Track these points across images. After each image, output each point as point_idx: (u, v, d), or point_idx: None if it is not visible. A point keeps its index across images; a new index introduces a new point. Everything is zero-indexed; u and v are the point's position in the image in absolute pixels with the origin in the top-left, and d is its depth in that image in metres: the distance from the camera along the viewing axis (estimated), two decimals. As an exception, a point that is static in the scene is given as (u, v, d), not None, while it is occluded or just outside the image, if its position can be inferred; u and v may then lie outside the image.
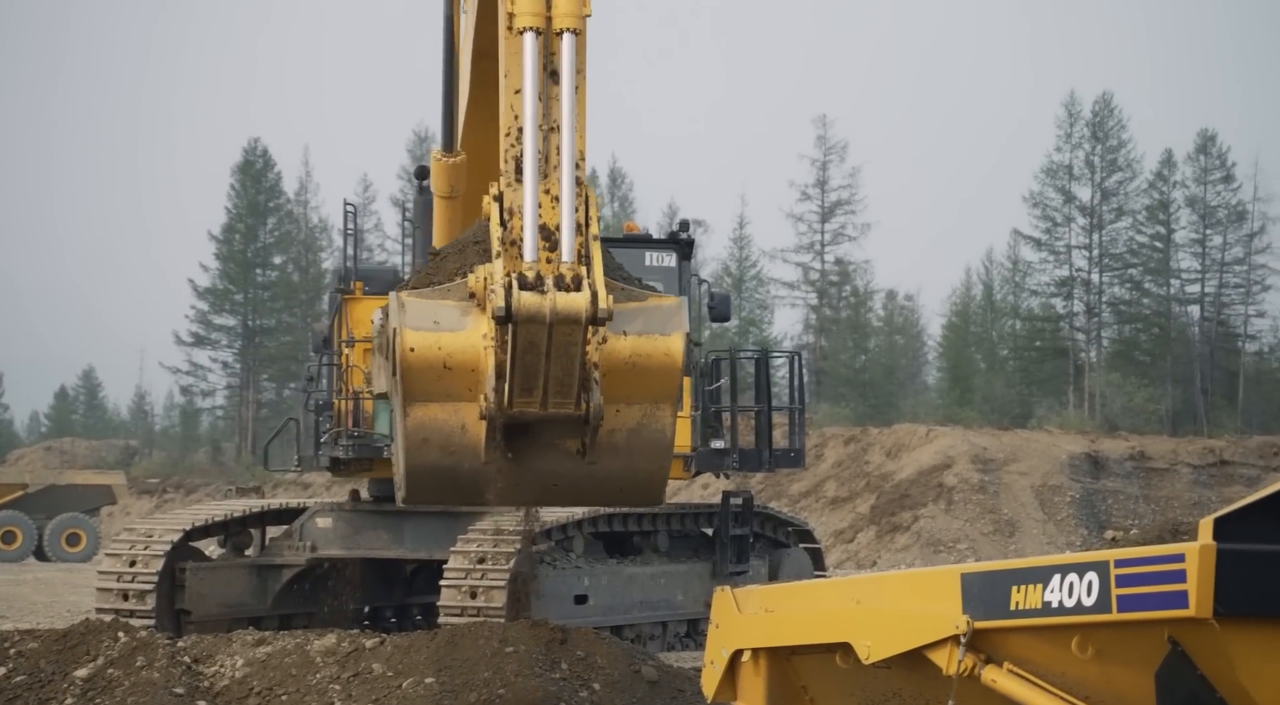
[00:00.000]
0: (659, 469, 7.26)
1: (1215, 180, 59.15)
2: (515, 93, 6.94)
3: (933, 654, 6.36)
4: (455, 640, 9.82)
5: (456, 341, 6.83)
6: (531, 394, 6.75)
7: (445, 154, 12.25)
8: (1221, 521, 5.44)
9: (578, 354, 6.73)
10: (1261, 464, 39.50)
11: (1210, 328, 59.07)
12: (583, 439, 6.94)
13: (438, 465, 6.92)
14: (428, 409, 6.85)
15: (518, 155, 6.91)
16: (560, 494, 7.28)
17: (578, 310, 6.62)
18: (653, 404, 7.06)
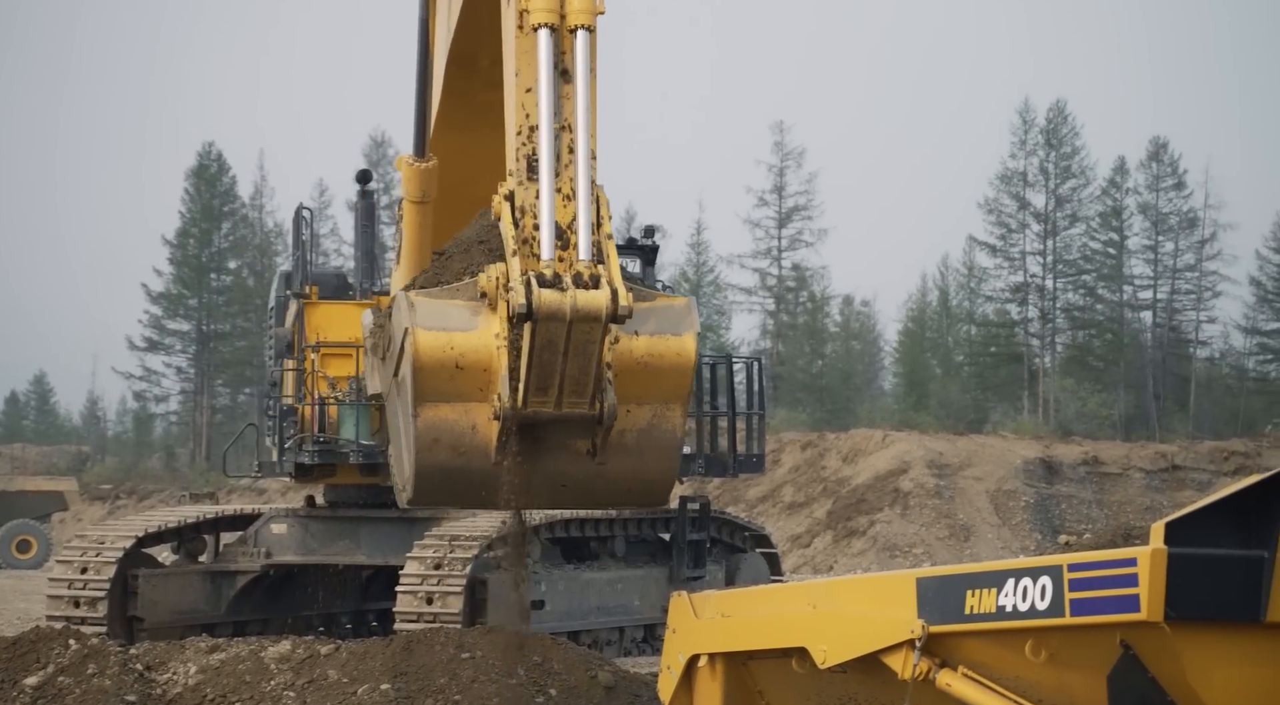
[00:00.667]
0: (668, 469, 7.24)
1: (1167, 187, 59.76)
2: (527, 91, 6.91)
3: (888, 658, 6.39)
4: (411, 646, 9.78)
5: (469, 341, 6.79)
6: (547, 393, 6.71)
7: (417, 159, 12.22)
8: (1173, 526, 5.49)
9: (595, 353, 6.69)
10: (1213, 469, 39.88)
11: (1162, 334, 59.64)
12: (593, 440, 6.90)
13: (447, 466, 6.86)
14: (438, 409, 6.79)
15: (529, 153, 6.88)
16: (568, 495, 7.22)
17: (598, 308, 6.60)
18: (663, 404, 7.03)
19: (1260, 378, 61.44)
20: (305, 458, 14.38)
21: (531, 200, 6.86)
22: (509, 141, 7.00)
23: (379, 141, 64.86)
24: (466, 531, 13.67)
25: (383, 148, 64.70)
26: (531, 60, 6.92)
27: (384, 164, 64.64)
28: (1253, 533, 5.52)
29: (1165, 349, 59.02)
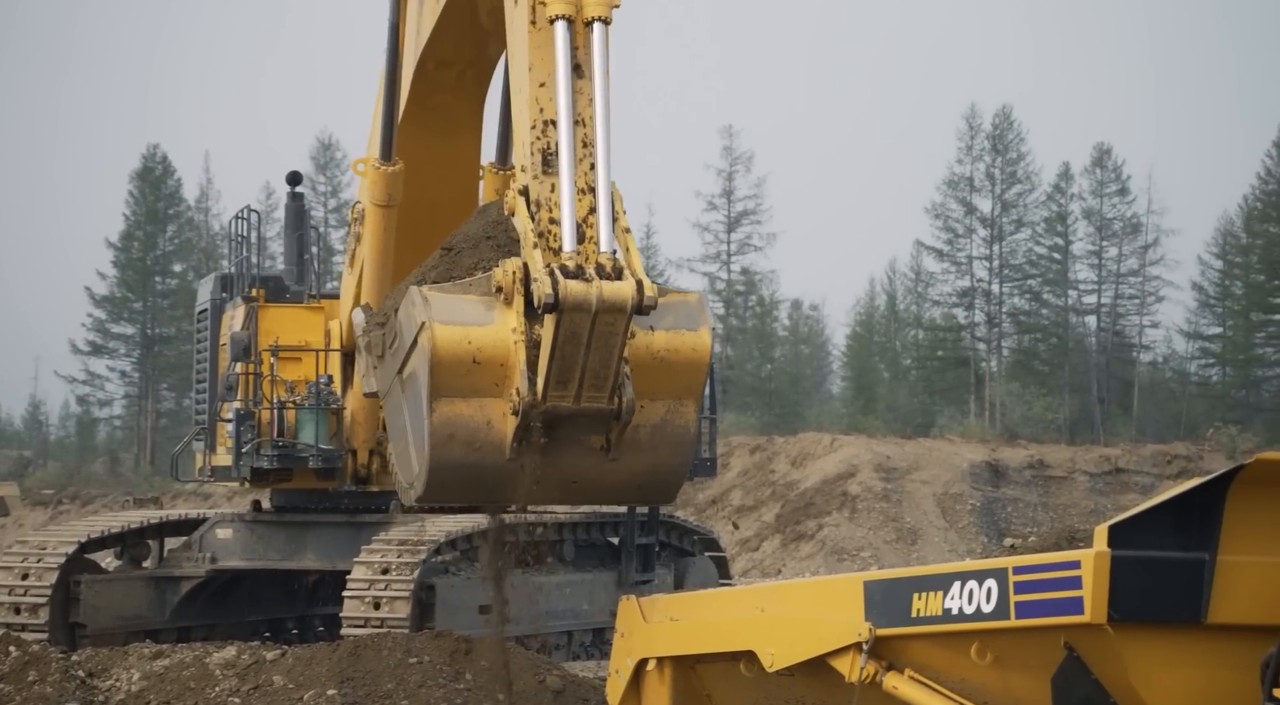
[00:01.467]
0: (680, 465, 7.24)
1: (1111, 193, 60.38)
2: (540, 86, 6.89)
3: (835, 661, 6.41)
4: (358, 652, 9.73)
5: (485, 336, 6.76)
6: (567, 387, 6.71)
7: (383, 162, 12.16)
8: (1116, 529, 5.55)
9: (618, 345, 6.70)
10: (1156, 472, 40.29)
11: (1106, 338, 60.26)
12: (608, 435, 6.89)
13: (462, 462, 6.82)
14: (454, 405, 6.75)
15: (544, 147, 6.86)
16: (579, 492, 7.18)
17: (624, 299, 6.61)
18: (677, 400, 7.04)
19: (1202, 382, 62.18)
20: (264, 462, 14.25)
21: (547, 194, 6.85)
22: (521, 136, 6.97)
23: (326, 145, 64.47)
24: (415, 536, 13.61)
25: (330, 151, 64.32)
26: (546, 55, 6.90)
27: (331, 167, 64.28)
28: (1194, 535, 5.58)
29: (1109, 353, 59.62)
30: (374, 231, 12.65)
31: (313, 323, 14.86)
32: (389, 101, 11.54)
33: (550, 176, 6.85)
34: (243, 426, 14.28)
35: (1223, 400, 58.10)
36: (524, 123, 6.97)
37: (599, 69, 6.91)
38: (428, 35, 10.59)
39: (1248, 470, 5.60)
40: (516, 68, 7.12)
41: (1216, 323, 60.81)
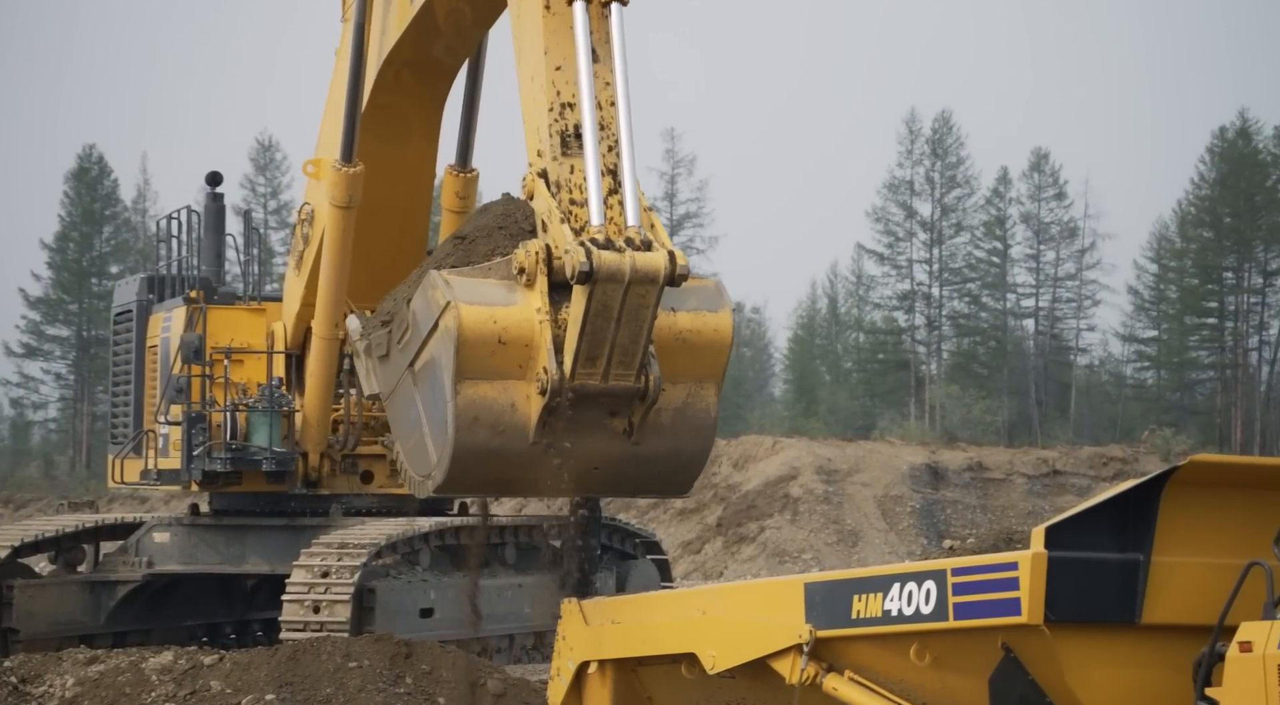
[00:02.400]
0: (700, 450, 7.25)
1: (1049, 197, 61.03)
2: (557, 69, 6.94)
3: (776, 663, 6.44)
4: (297, 656, 9.67)
5: (511, 315, 6.77)
6: (595, 364, 6.72)
7: (344, 163, 12.07)
8: (1052, 530, 5.60)
9: (648, 319, 6.72)
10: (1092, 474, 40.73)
11: (1044, 341, 60.89)
12: (630, 419, 6.89)
13: (486, 447, 6.79)
14: (478, 387, 6.74)
15: (563, 129, 6.91)
16: (599, 480, 7.14)
17: (656, 268, 6.65)
18: (698, 383, 7.06)
19: (1137, 385, 62.97)
20: (217, 465, 14.11)
21: (567, 175, 6.89)
22: (536, 122, 7.01)
23: (266, 146, 63.96)
24: (355, 539, 13.53)
25: (270, 152, 63.82)
26: (562, 39, 6.96)
27: (271, 168, 63.79)
28: (1129, 536, 5.65)
29: (1047, 356, 60.25)
30: (333, 233, 12.57)
31: (254, 325, 14.74)
32: (352, 102, 11.50)
33: (570, 158, 6.90)
34: (194, 429, 14.13)
35: (1158, 403, 58.87)
36: (539, 107, 7.01)
37: (617, 51, 6.98)
38: (395, 36, 10.60)
39: (1181, 472, 5.67)
40: (529, 53, 7.15)
41: (1151, 326, 61.63)
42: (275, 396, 14.00)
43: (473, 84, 13.01)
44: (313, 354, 13.73)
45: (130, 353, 15.65)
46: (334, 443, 14.38)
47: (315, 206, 13.25)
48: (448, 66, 11.52)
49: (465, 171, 13.62)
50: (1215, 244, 57.44)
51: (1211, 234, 57.72)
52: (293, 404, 14.05)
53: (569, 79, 6.97)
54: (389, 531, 13.79)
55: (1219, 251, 57.31)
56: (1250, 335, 57.53)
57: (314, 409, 13.92)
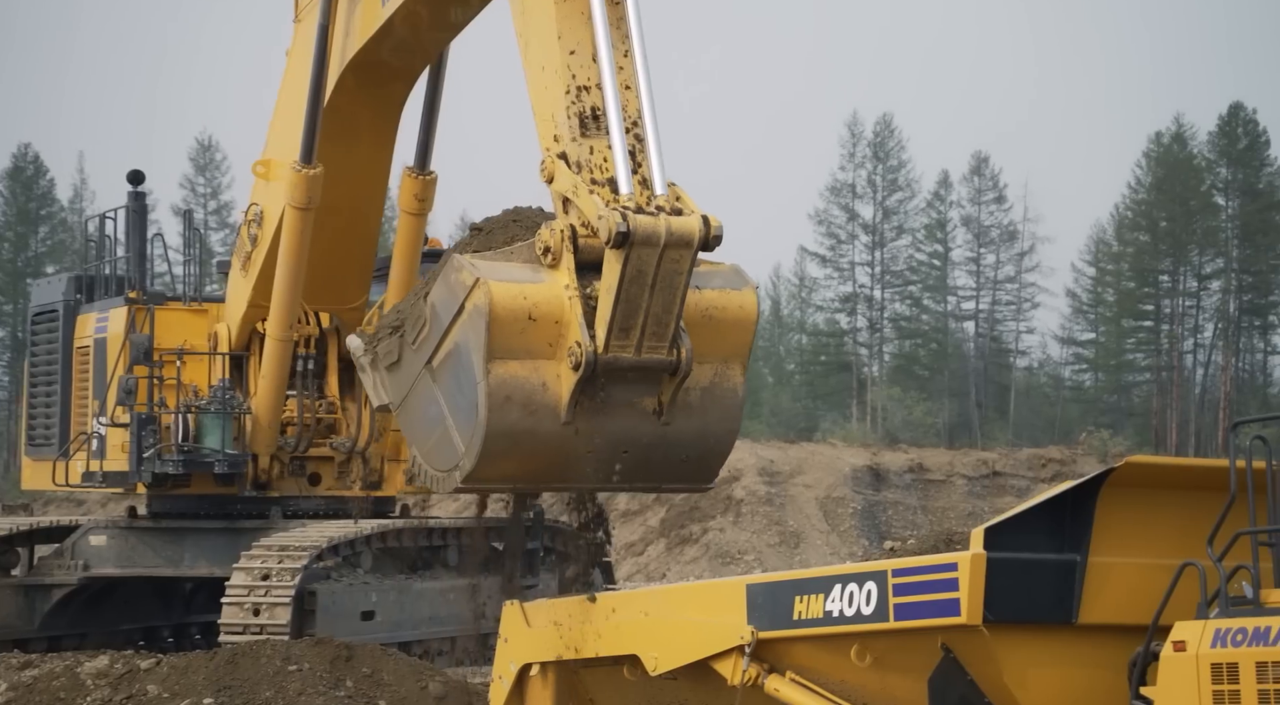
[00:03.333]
0: (728, 432, 7.29)
1: (989, 201, 61.59)
2: (571, 53, 7.04)
3: (718, 664, 6.46)
4: (236, 659, 9.59)
5: (540, 292, 6.80)
6: (629, 336, 6.75)
7: (304, 165, 12.00)
8: (991, 531, 5.65)
9: (681, 286, 6.76)
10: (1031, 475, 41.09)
11: (984, 343, 61.43)
12: (659, 398, 6.91)
13: (517, 427, 6.78)
14: (508, 366, 6.75)
15: (581, 111, 7.00)
16: (629, 465, 7.11)
17: (691, 231, 6.73)
18: (723, 362, 7.10)
19: (1075, 387, 63.66)
20: (169, 467, 13.96)
21: (587, 156, 6.95)
22: (550, 107, 7.08)
23: (206, 146, 63.39)
24: (296, 542, 13.43)
25: (209, 152, 63.25)
26: (575, 23, 7.06)
27: (211, 168, 63.22)
28: (1066, 537, 5.71)
29: (987, 359, 60.79)
30: (291, 234, 12.50)
31: (196, 326, 14.62)
32: (313, 104, 11.47)
33: (589, 139, 6.97)
34: (144, 431, 13.98)
35: (1095, 405, 59.55)
36: (553, 94, 7.09)
37: (634, 33, 7.12)
38: (360, 39, 10.60)
39: (1117, 473, 5.73)
40: (538, 43, 7.22)
41: (1089, 329, 62.32)
42: (227, 398, 13.89)
43: (434, 88, 13.03)
44: (266, 355, 13.65)
45: (54, 353, 15.42)
46: (284, 445, 14.30)
47: (264, 207, 13.16)
48: (410, 71, 11.56)
49: (424, 174, 13.60)
50: (1151, 248, 58.18)
51: (1147, 238, 58.46)
52: (243, 406, 13.96)
53: (583, 62, 7.06)
54: (330, 534, 13.71)
55: (1155, 255, 58.05)
56: (1185, 338, 58.32)
57: (265, 411, 13.84)
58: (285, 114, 12.91)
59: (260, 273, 13.32)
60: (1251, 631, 5.17)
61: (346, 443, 14.42)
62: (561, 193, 6.97)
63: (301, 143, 11.85)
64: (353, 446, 14.39)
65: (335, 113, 11.64)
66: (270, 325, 13.46)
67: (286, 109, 12.88)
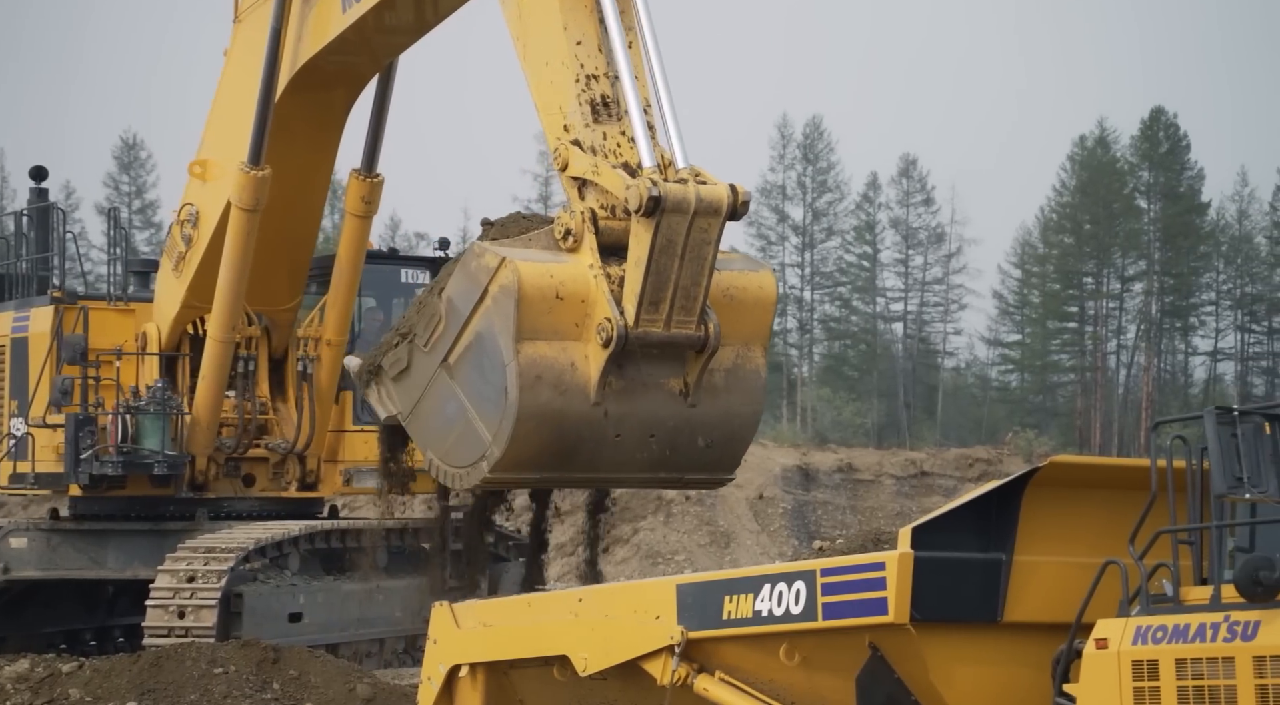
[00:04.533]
0: (752, 415, 7.38)
1: (916, 203, 62.16)
2: (578, 44, 7.17)
3: (648, 664, 6.47)
4: (160, 662, 9.49)
5: (566, 271, 6.87)
6: (658, 309, 6.80)
7: (252, 166, 11.93)
8: (918, 531, 5.71)
9: (710, 256, 6.83)
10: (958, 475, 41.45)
11: (912, 344, 61.96)
12: (685, 379, 6.96)
13: (548, 408, 6.79)
14: (537, 346, 6.77)
15: (592, 98, 7.14)
16: (655, 451, 7.13)
17: (720, 198, 6.84)
18: (745, 344, 7.20)
19: (1002, 387, 64.35)
20: (108, 469, 13.75)
21: (600, 141, 7.06)
22: (558, 100, 7.16)
23: (130, 144, 62.56)
24: (222, 544, 13.30)
25: (134, 150, 62.43)
26: (579, 15, 7.18)
27: (135, 167, 62.39)
28: (992, 536, 5.77)
29: (915, 359, 61.32)
30: (236, 236, 12.45)
31: (122, 326, 14.44)
32: (263, 106, 11.47)
33: (601, 125, 7.10)
34: (82, 432, 13.78)
35: (1021, 405, 60.22)
36: (560, 87, 7.19)
37: (644, 21, 7.26)
38: (313, 44, 10.62)
39: (1042, 473, 5.81)
40: (540, 40, 7.30)
41: (1015, 330, 63.01)
42: (166, 399, 13.76)
43: (383, 91, 13.04)
44: (206, 356, 13.54)
45: None
46: (220, 446, 14.18)
47: (200, 208, 13.08)
48: (361, 77, 11.64)
49: (371, 176, 13.61)
50: (1076, 250, 58.95)
51: (1072, 240, 59.22)
52: (181, 407, 13.83)
53: (590, 52, 7.19)
54: (257, 535, 13.59)
55: (1079, 257, 58.83)
56: (1108, 339, 59.16)
57: (204, 412, 13.75)
58: (223, 114, 12.84)
59: (196, 273, 13.22)
60: (1171, 629, 5.25)
61: (283, 444, 14.34)
62: (580, 175, 7.05)
63: (250, 144, 11.85)
64: (291, 448, 14.32)
65: (281, 115, 11.61)
66: (212, 326, 13.37)
67: (224, 109, 12.81)
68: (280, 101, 11.48)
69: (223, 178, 12.66)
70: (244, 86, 12.13)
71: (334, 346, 14.14)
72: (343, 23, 10.17)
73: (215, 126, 13.01)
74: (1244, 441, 5.12)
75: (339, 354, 14.21)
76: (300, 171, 12.32)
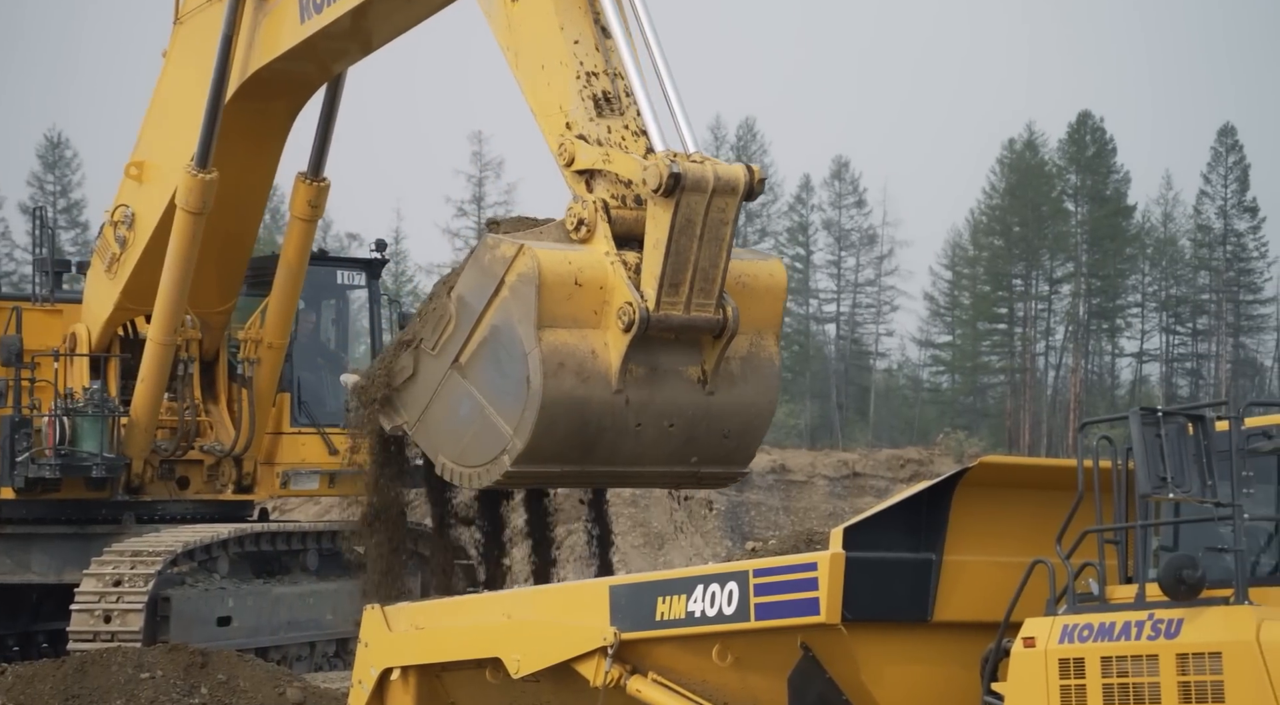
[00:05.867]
0: (769, 402, 7.41)
1: (849, 205, 62.56)
2: (575, 42, 7.29)
3: (581, 666, 6.47)
4: (85, 668, 9.37)
5: (583, 258, 6.91)
6: (678, 292, 6.85)
7: (199, 170, 11.86)
8: (850, 531, 5.74)
9: (727, 236, 6.90)
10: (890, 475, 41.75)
11: (845, 345, 62.36)
12: (703, 366, 7.02)
13: (572, 395, 6.79)
14: (557, 334, 6.79)
15: (594, 94, 7.24)
16: (674, 441, 7.13)
17: (737, 177, 6.94)
18: (757, 333, 7.26)
19: (933, 388, 64.92)
20: (45, 471, 13.53)
21: (605, 134, 7.13)
22: (561, 98, 7.23)
23: (55, 142, 61.61)
24: (149, 547, 13.15)
25: (59, 149, 61.50)
26: (575, 16, 7.31)
27: (61, 166, 61.49)
28: (922, 536, 5.82)
29: (847, 361, 61.72)
30: (181, 238, 12.36)
31: (49, 326, 14.25)
32: (212, 109, 11.44)
33: (605, 119, 7.19)
34: (18, 434, 13.55)
35: (952, 406, 60.78)
36: (559, 87, 7.27)
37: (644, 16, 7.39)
38: (266, 53, 10.69)
39: (971, 473, 5.86)
40: (533, 44, 7.39)
41: (946, 331, 63.59)
42: (104, 401, 13.60)
43: (332, 96, 13.00)
44: (146, 358, 13.42)
45: None
46: (159, 448, 14.03)
47: (136, 210, 12.96)
48: (312, 85, 11.65)
49: (317, 180, 13.56)
50: (1005, 252, 59.57)
51: (1002, 242, 59.84)
52: (119, 409, 13.67)
53: (588, 50, 7.30)
54: (185, 538, 13.45)
55: (1008, 259, 59.46)
56: (1037, 341, 59.85)
57: (143, 414, 13.61)
58: (162, 117, 12.77)
59: (132, 276, 13.11)
60: (1097, 627, 5.32)
61: (219, 446, 14.23)
62: (589, 166, 7.10)
63: (198, 148, 11.82)
64: (230, 450, 14.21)
65: (227, 120, 11.60)
66: (153, 329, 13.26)
67: (163, 112, 12.73)
68: (227, 106, 11.47)
69: (160, 180, 12.59)
70: (184, 89, 12.08)
71: (275, 349, 14.11)
72: (299, 34, 10.19)
73: (153, 128, 12.92)
74: (1168, 442, 5.18)
75: (279, 357, 14.16)
76: (243, 176, 12.29)
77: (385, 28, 9.90)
